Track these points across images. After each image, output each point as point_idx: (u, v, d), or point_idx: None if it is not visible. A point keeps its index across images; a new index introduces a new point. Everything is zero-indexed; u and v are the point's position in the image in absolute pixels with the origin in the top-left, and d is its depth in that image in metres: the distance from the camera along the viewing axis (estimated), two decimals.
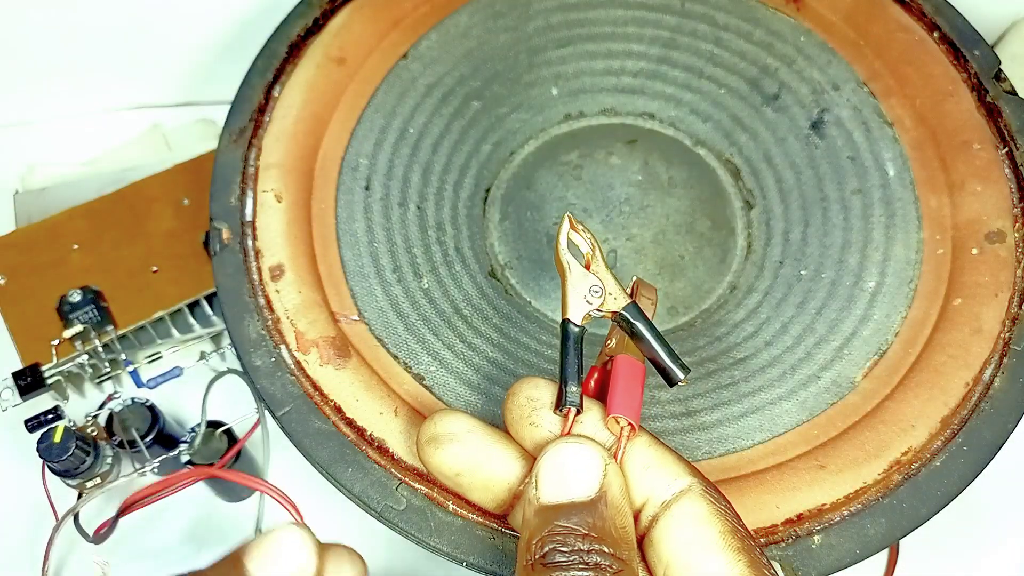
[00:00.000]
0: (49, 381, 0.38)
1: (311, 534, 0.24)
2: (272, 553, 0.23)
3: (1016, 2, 0.46)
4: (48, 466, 0.35)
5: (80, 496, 0.36)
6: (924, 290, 0.36)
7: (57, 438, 0.35)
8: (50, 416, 0.37)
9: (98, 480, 0.37)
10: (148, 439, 0.37)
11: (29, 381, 0.38)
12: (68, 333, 0.38)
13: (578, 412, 0.25)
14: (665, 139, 0.43)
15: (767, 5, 0.42)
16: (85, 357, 0.39)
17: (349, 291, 0.35)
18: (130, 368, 0.40)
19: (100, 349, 0.39)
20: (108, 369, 0.40)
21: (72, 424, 0.37)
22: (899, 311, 0.36)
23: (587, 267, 0.27)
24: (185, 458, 0.36)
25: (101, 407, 0.38)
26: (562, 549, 0.22)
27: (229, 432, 0.37)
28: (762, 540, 0.30)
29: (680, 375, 0.27)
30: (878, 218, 0.38)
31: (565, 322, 0.27)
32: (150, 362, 0.41)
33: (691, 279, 0.39)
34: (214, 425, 0.37)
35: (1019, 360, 0.32)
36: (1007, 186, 0.36)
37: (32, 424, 0.37)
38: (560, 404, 0.25)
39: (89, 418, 0.38)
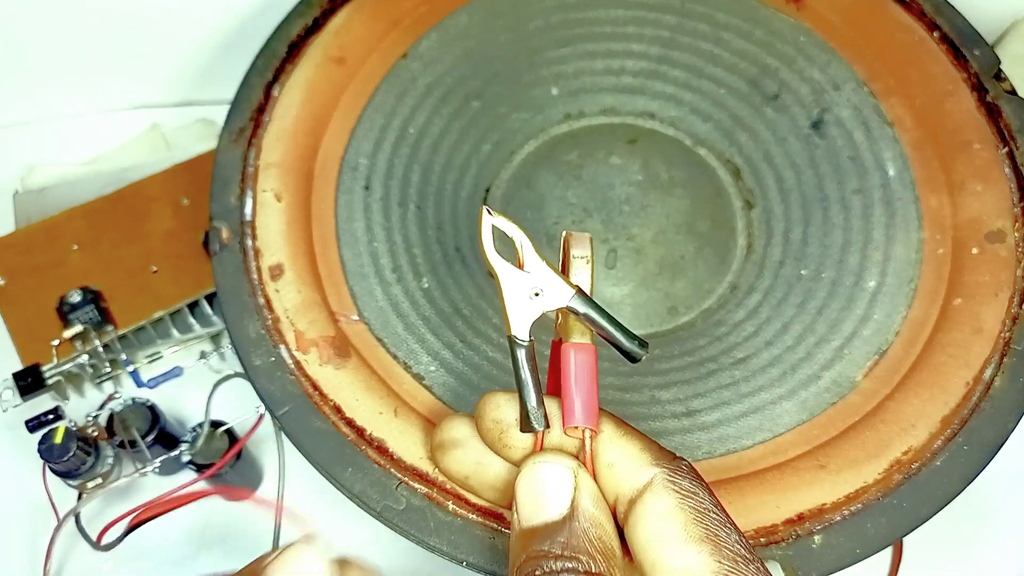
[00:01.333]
0: (49, 381, 0.38)
1: (329, 549, 0.25)
2: (292, 569, 0.24)
3: (1016, 2, 0.46)
4: (49, 467, 0.35)
5: (81, 496, 0.36)
6: (924, 290, 0.36)
7: (58, 439, 0.35)
8: (51, 416, 0.37)
9: (99, 480, 0.37)
10: (149, 439, 0.37)
11: (29, 382, 0.38)
12: (68, 333, 0.38)
13: (546, 426, 0.25)
14: (665, 139, 0.43)
15: (767, 5, 0.42)
16: (85, 357, 0.39)
17: (349, 291, 0.35)
18: (130, 368, 0.40)
19: (100, 349, 0.39)
20: (108, 369, 0.40)
21: (73, 424, 0.37)
22: (899, 311, 0.36)
23: (520, 265, 0.25)
24: (186, 458, 0.36)
25: (101, 407, 0.38)
26: (536, 574, 0.22)
27: (230, 432, 0.37)
28: (762, 540, 0.30)
29: (640, 353, 0.25)
30: (878, 218, 0.38)
31: (511, 340, 0.25)
32: (150, 362, 0.41)
33: (691, 279, 0.39)
34: (215, 425, 0.37)
35: (1019, 360, 0.32)
36: (1007, 186, 0.36)
37: (33, 424, 0.37)
38: (525, 426, 0.25)
39: (90, 418, 0.38)
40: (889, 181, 0.38)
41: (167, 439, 0.38)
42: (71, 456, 0.35)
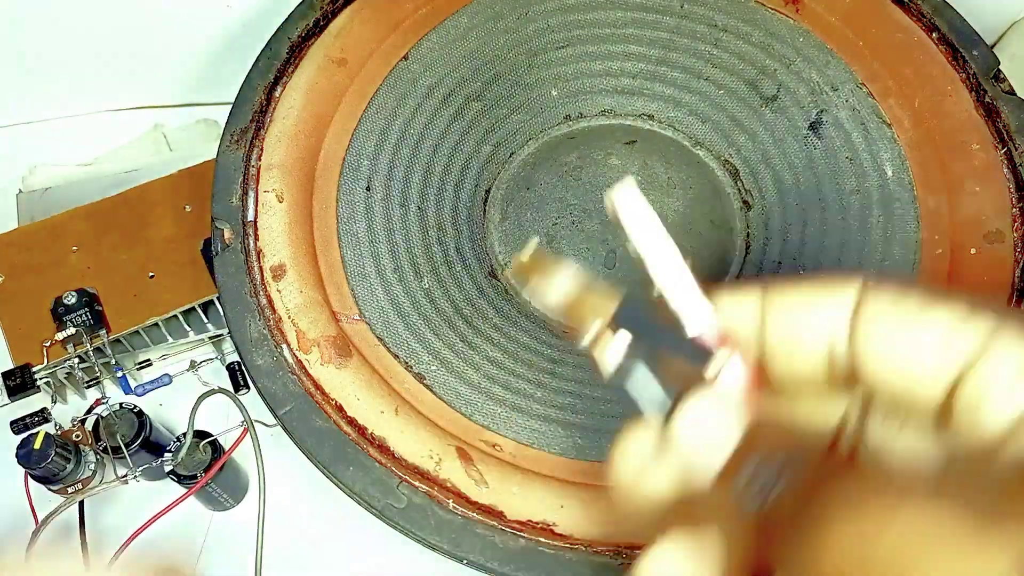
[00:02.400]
0: (39, 383, 0.38)
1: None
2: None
3: (1016, 2, 0.46)
4: (27, 472, 0.35)
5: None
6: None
7: (37, 445, 0.34)
8: (36, 419, 0.37)
9: (79, 486, 0.36)
10: (134, 446, 0.36)
11: (18, 382, 0.37)
12: (60, 335, 0.38)
13: None
14: (664, 140, 0.43)
15: (766, 6, 0.42)
16: (76, 360, 0.38)
17: (350, 291, 0.36)
18: (119, 374, 0.39)
19: (91, 353, 0.38)
20: (98, 374, 0.39)
21: (58, 428, 0.36)
22: None
23: None
24: (168, 467, 0.36)
25: (89, 411, 0.38)
26: None
27: (214, 443, 0.36)
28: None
29: None
30: (876, 218, 0.38)
31: None
32: (140, 369, 0.41)
33: None
34: (199, 435, 0.36)
35: None
36: (1005, 186, 0.36)
37: (18, 426, 0.37)
38: None
39: (76, 422, 0.37)
40: (887, 182, 0.38)
41: (152, 447, 0.37)
42: (49, 462, 0.34)
